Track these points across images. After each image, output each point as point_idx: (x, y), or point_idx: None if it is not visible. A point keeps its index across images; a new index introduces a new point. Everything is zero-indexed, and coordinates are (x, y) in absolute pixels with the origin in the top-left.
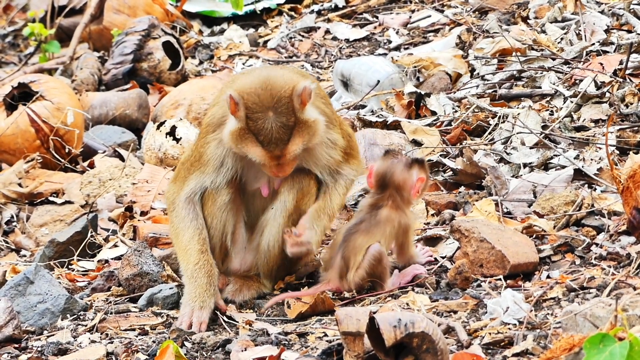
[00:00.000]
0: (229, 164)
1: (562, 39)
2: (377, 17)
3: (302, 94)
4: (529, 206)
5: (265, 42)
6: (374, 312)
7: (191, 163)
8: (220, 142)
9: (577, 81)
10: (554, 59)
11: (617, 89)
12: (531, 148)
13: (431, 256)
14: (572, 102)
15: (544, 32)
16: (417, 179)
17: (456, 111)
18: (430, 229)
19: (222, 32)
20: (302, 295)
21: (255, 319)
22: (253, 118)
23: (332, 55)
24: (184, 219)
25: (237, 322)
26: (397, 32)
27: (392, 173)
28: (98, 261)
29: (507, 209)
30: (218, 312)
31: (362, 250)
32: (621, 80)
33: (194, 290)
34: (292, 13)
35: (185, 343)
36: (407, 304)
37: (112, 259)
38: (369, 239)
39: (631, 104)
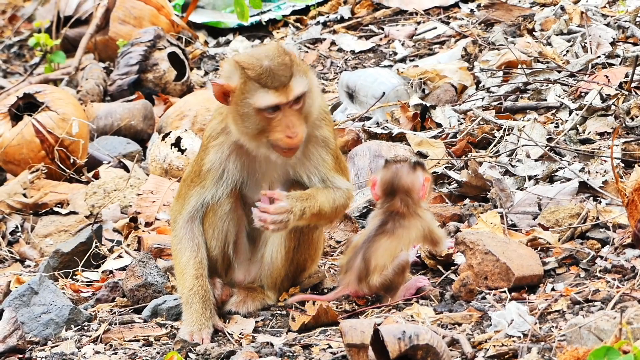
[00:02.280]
0: (230, 170)
1: (567, 51)
2: (382, 29)
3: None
4: (534, 219)
5: None
6: (379, 324)
7: (191, 179)
8: (220, 148)
9: (582, 94)
10: (559, 72)
11: (623, 102)
12: (536, 161)
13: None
14: (577, 114)
15: (549, 44)
16: (423, 179)
17: (461, 123)
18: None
19: (227, 43)
20: (322, 300)
21: (259, 331)
22: (250, 67)
23: (337, 66)
24: (181, 239)
25: (239, 335)
26: (402, 44)
27: (399, 178)
28: (102, 272)
29: (512, 221)
30: (221, 324)
31: (387, 252)
32: (627, 93)
33: (190, 315)
34: (298, 24)
35: (190, 354)
36: (412, 316)
37: (116, 269)
38: (394, 241)
39: (637, 116)
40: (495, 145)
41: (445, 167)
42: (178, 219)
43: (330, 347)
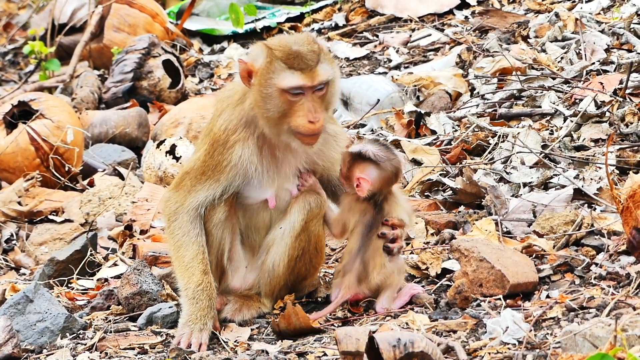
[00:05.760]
0: (255, 165)
1: (562, 58)
2: (377, 36)
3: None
4: (529, 226)
5: None
6: (374, 332)
7: (202, 172)
8: (246, 142)
9: (577, 100)
10: (554, 78)
11: (617, 109)
12: (531, 167)
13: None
14: (572, 121)
15: (544, 51)
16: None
17: (456, 130)
18: (430, 248)
19: (222, 50)
20: (330, 311)
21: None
22: (277, 48)
23: None
24: (188, 232)
25: (234, 343)
26: (397, 51)
27: (400, 169)
28: (97, 280)
29: (506, 228)
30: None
31: (382, 250)
32: (621, 99)
33: (195, 312)
34: (293, 32)
35: None
36: (407, 324)
37: (111, 277)
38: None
39: (631, 123)
40: (489, 152)
41: (440, 174)
42: (180, 211)
43: (325, 354)
